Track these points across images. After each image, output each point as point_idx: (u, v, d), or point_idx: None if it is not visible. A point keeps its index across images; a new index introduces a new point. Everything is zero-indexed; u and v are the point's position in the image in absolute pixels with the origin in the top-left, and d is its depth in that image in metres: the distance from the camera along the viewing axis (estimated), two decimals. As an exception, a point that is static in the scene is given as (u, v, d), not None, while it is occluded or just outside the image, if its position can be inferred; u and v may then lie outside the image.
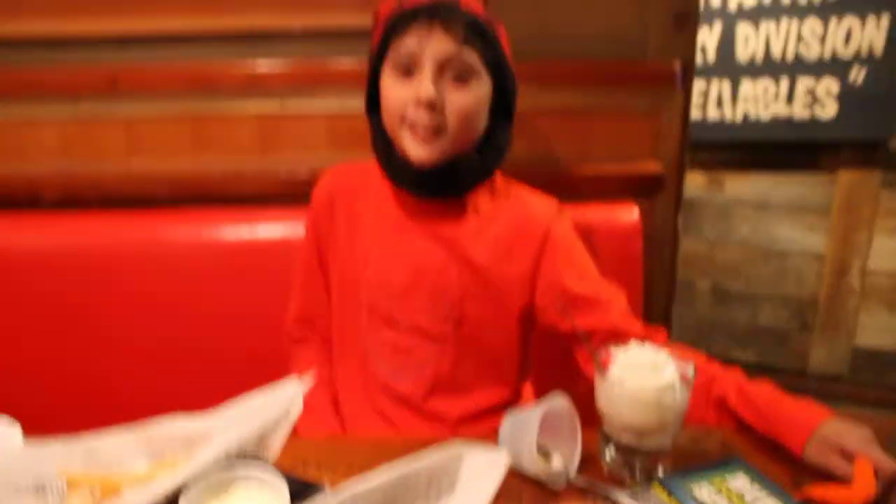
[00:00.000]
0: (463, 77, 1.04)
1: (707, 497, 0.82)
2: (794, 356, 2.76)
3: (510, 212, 1.14)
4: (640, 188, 1.51)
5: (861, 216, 2.59)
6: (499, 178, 1.18)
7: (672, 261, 1.58)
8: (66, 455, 0.80)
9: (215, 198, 1.49)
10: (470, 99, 1.05)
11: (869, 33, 2.45)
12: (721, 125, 2.67)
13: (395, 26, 1.04)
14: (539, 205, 1.17)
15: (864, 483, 0.81)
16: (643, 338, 1.00)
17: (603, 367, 0.87)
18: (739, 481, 0.85)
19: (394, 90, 1.06)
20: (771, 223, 2.72)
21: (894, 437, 0.90)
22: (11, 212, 1.46)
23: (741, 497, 0.82)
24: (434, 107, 1.03)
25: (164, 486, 0.70)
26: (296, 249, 1.32)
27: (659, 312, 1.58)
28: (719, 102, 2.66)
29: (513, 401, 1.20)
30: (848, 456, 0.84)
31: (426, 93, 1.01)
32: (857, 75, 2.48)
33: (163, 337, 1.43)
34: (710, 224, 2.80)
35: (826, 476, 0.85)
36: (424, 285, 1.12)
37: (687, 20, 1.47)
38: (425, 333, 1.13)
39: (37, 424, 0.89)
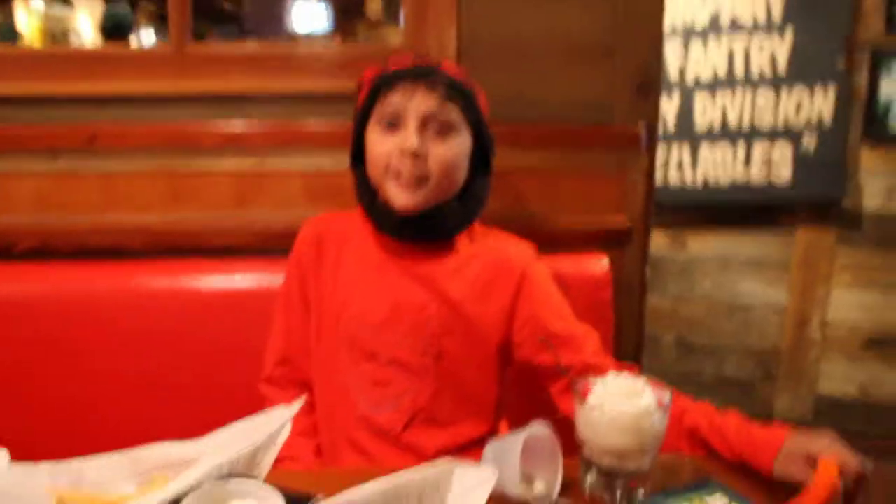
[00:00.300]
0: (445, 131, 1.13)
1: (687, 517, 0.85)
2: (758, 405, 2.82)
3: (488, 253, 1.21)
4: (609, 240, 1.57)
5: (819, 271, 2.69)
6: (477, 226, 1.25)
7: (640, 310, 1.64)
8: (53, 476, 0.81)
9: (191, 250, 1.51)
10: (451, 150, 1.14)
11: (818, 103, 2.60)
12: (682, 189, 2.78)
13: (382, 85, 1.14)
14: (516, 247, 1.24)
15: (825, 479, 0.84)
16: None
17: (582, 395, 0.91)
18: (718, 501, 0.88)
19: (380, 143, 1.14)
20: (733, 279, 2.81)
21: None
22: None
23: (719, 516, 0.85)
24: (418, 156, 1.10)
25: (156, 500, 0.71)
26: (271, 299, 1.34)
27: (630, 354, 1.63)
28: (680, 166, 2.78)
29: (489, 437, 1.22)
30: (813, 462, 0.88)
31: (411, 143, 1.10)
32: (809, 142, 2.63)
33: (136, 386, 1.42)
34: (674, 281, 2.89)
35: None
36: (404, 320, 1.16)
37: (650, 88, 1.57)
38: (405, 366, 1.16)
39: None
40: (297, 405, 0.82)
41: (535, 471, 0.92)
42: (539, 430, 0.91)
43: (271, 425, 0.79)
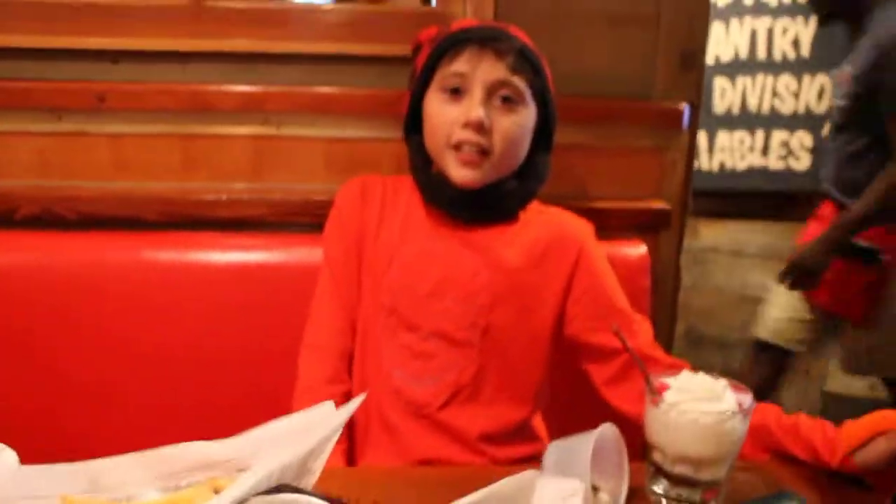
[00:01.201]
0: (511, 102, 1.06)
1: (766, 533, 0.78)
2: (765, 401, 2.78)
3: (546, 225, 1.16)
4: (645, 225, 1.50)
5: (832, 266, 2.64)
6: (535, 203, 1.19)
7: (674, 298, 1.57)
8: (68, 479, 0.72)
9: (203, 222, 1.41)
10: (517, 123, 1.07)
11: (840, 90, 2.53)
12: (698, 174, 2.71)
13: (446, 49, 1.07)
14: (575, 222, 1.19)
15: None
16: (669, 367, 0.99)
17: (657, 392, 0.83)
18: (797, 516, 0.81)
19: (441, 111, 1.07)
20: (745, 270, 2.75)
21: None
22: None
23: (801, 533, 0.78)
24: (482, 128, 1.04)
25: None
26: (286, 276, 1.30)
27: (662, 346, 1.55)
28: (696, 152, 2.70)
29: (527, 423, 1.15)
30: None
31: (476, 114, 1.03)
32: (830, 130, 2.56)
33: (145, 367, 1.33)
34: (685, 270, 2.81)
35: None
36: (452, 290, 1.09)
37: (694, 59, 1.48)
38: (449, 339, 1.09)
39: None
40: (354, 404, 0.73)
41: (599, 477, 0.84)
42: (607, 432, 0.83)
43: (325, 428, 0.70)
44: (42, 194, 1.39)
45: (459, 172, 1.06)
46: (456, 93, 1.06)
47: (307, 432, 0.70)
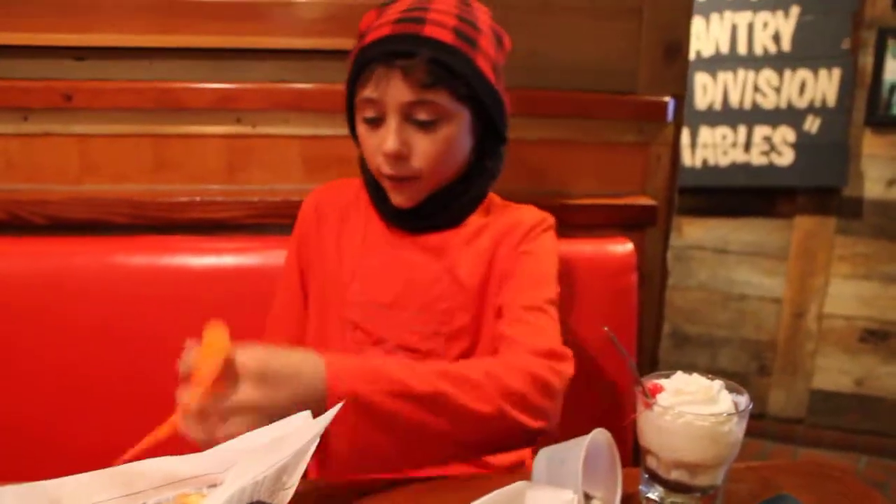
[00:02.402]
0: (429, 121, 0.98)
1: (767, 540, 0.75)
2: (753, 399, 2.76)
3: (499, 228, 1.08)
4: (631, 222, 1.47)
5: (817, 261, 2.63)
6: (495, 198, 1.13)
7: (661, 296, 1.54)
8: (25, 502, 0.67)
9: (177, 225, 1.37)
10: (439, 143, 0.99)
11: (822, 86, 2.53)
12: (681, 171, 2.68)
13: (359, 68, 0.98)
14: (528, 216, 1.10)
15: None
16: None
17: (651, 394, 0.79)
18: (800, 523, 0.78)
19: (365, 140, 1.02)
20: (729, 268, 2.74)
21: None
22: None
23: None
24: (400, 156, 0.97)
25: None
26: (264, 280, 1.23)
27: (649, 346, 1.53)
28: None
29: None
30: None
31: (389, 146, 0.97)
32: (812, 125, 2.55)
33: (117, 376, 1.28)
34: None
35: None
36: (414, 299, 1.05)
37: (678, 52, 1.46)
38: (414, 350, 1.04)
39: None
40: (330, 414, 0.69)
41: (591, 485, 0.80)
42: (599, 437, 0.79)
43: (299, 440, 0.66)
44: (8, 198, 1.34)
45: (394, 197, 1.03)
46: (373, 122, 0.99)
47: (281, 445, 0.66)
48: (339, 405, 0.71)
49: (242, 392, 0.75)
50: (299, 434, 0.66)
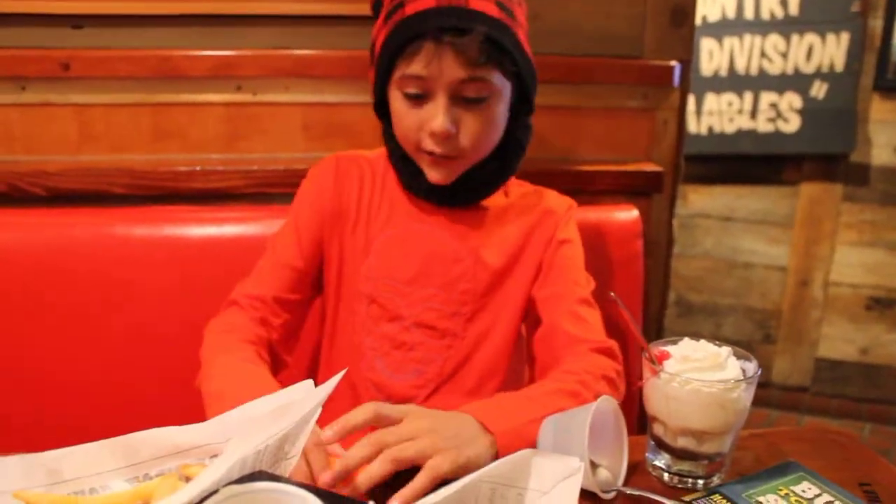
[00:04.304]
0: (479, 98, 0.95)
1: (775, 506, 0.74)
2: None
3: (524, 213, 1.08)
4: (637, 188, 1.45)
5: (823, 229, 2.62)
6: (515, 182, 1.12)
7: (667, 263, 1.52)
8: (21, 473, 0.65)
9: (177, 195, 1.35)
10: (487, 121, 0.97)
11: (829, 50, 2.49)
12: (686, 138, 2.65)
13: (401, 46, 0.93)
14: (555, 203, 1.11)
15: None
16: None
17: (657, 361, 0.79)
18: (804, 487, 0.77)
19: (405, 115, 0.97)
20: (735, 236, 2.72)
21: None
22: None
23: (811, 504, 0.74)
24: (449, 136, 0.94)
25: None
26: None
27: (654, 314, 1.52)
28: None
29: None
30: None
31: (440, 126, 0.93)
32: (819, 90, 2.52)
33: (117, 347, 1.27)
34: (674, 236, 2.79)
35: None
36: (435, 277, 1.03)
37: (684, 16, 1.43)
38: (432, 328, 1.04)
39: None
40: (334, 381, 0.67)
41: (597, 453, 0.80)
42: (605, 405, 0.78)
43: (302, 408, 0.65)
44: (7, 169, 1.32)
45: (432, 174, 0.99)
46: (417, 98, 0.94)
47: (283, 414, 0.65)
48: (339, 375, 0.70)
49: None
50: (301, 403, 0.65)
